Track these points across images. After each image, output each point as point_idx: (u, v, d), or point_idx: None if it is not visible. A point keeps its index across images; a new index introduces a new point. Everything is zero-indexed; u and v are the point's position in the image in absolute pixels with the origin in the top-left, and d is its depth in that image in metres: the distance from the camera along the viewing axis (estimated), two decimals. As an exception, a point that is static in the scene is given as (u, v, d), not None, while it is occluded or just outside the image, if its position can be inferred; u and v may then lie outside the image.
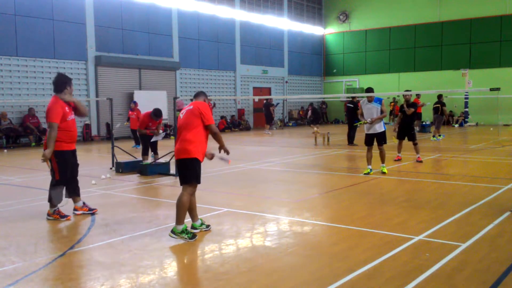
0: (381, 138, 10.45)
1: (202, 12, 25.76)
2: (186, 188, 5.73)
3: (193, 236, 5.67)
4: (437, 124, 18.68)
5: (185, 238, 5.59)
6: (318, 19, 34.84)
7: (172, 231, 5.66)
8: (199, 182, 5.83)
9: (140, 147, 12.50)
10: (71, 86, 6.86)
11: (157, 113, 11.52)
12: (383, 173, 10.46)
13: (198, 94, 6.11)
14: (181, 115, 5.89)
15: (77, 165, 7.03)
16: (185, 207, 5.68)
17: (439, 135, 18.62)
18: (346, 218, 6.81)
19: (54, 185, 6.74)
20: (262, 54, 30.26)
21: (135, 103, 17.61)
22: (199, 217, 6.19)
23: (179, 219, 5.64)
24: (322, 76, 35.60)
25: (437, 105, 18.88)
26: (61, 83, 6.75)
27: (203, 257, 5.22)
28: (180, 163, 5.77)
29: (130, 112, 17.43)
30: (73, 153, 6.87)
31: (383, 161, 10.67)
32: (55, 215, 6.74)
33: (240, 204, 7.68)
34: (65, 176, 6.72)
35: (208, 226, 6.15)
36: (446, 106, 19.32)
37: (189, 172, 5.71)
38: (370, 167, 10.52)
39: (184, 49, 25.01)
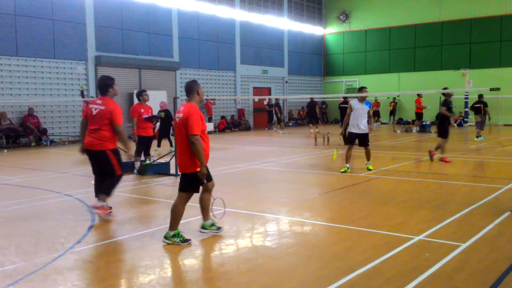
0: (365, 139, 10.78)
1: (202, 12, 25.75)
2: (182, 195, 5.66)
3: (185, 240, 5.57)
4: (480, 124, 18.21)
5: (177, 242, 5.52)
6: (318, 19, 34.84)
7: (165, 236, 5.62)
8: (197, 192, 5.73)
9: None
10: (114, 87, 6.92)
11: (138, 92, 11.28)
12: (369, 170, 10.78)
13: (189, 89, 5.74)
14: (177, 118, 5.66)
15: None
16: (180, 214, 5.62)
17: (479, 136, 18.09)
18: (346, 218, 6.81)
19: (115, 179, 6.92)
20: (262, 54, 30.25)
21: None
22: (211, 217, 6.03)
23: (172, 225, 5.61)
24: (322, 76, 35.59)
25: (478, 105, 18.36)
26: (103, 85, 6.86)
27: (203, 257, 5.22)
28: (181, 174, 5.73)
29: None
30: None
31: (368, 158, 11.01)
32: (103, 210, 6.74)
33: (240, 204, 7.68)
34: (123, 169, 7.05)
35: (219, 228, 5.98)
36: (488, 106, 18.43)
37: (186, 183, 5.64)
38: (348, 165, 10.78)
39: (184, 49, 25.01)
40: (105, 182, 6.90)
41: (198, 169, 5.50)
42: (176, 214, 5.59)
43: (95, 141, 6.74)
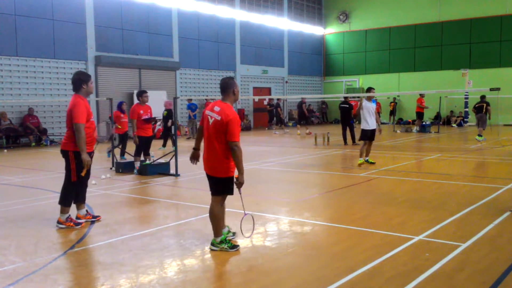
0: (374, 133, 11.82)
1: (202, 12, 25.75)
2: (216, 198, 5.36)
3: (234, 246, 5.32)
4: (482, 123, 18.02)
5: (226, 249, 5.27)
6: (318, 19, 34.84)
7: (211, 243, 5.37)
8: (231, 194, 5.42)
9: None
10: (88, 84, 6.40)
11: (138, 92, 11.17)
12: (372, 163, 11.81)
13: (225, 87, 5.26)
14: (209, 117, 5.18)
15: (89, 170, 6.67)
16: (220, 218, 5.33)
17: (481, 136, 17.74)
18: (346, 218, 6.81)
19: (67, 186, 6.46)
20: (262, 54, 30.25)
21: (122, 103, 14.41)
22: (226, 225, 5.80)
23: (216, 231, 5.33)
24: (322, 76, 35.59)
25: (480, 104, 18.27)
26: (76, 80, 6.36)
27: (203, 257, 5.21)
28: (209, 177, 5.34)
29: (123, 115, 13.97)
30: (90, 155, 6.50)
31: (367, 154, 11.92)
32: (68, 223, 6.36)
33: (240, 204, 7.67)
34: (80, 178, 6.42)
35: (232, 233, 5.77)
36: (490, 105, 18.31)
37: (219, 188, 5.34)
38: (362, 158, 11.73)
39: (184, 49, 25.01)
40: (81, 189, 6.57)
41: (233, 175, 5.20)
42: (216, 218, 5.30)
43: (63, 141, 6.46)
